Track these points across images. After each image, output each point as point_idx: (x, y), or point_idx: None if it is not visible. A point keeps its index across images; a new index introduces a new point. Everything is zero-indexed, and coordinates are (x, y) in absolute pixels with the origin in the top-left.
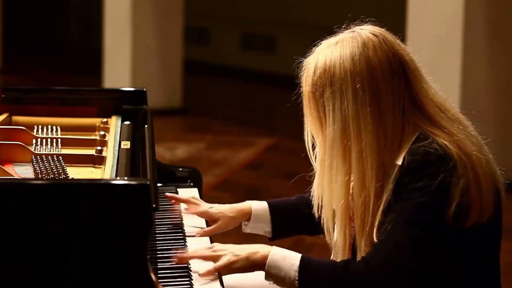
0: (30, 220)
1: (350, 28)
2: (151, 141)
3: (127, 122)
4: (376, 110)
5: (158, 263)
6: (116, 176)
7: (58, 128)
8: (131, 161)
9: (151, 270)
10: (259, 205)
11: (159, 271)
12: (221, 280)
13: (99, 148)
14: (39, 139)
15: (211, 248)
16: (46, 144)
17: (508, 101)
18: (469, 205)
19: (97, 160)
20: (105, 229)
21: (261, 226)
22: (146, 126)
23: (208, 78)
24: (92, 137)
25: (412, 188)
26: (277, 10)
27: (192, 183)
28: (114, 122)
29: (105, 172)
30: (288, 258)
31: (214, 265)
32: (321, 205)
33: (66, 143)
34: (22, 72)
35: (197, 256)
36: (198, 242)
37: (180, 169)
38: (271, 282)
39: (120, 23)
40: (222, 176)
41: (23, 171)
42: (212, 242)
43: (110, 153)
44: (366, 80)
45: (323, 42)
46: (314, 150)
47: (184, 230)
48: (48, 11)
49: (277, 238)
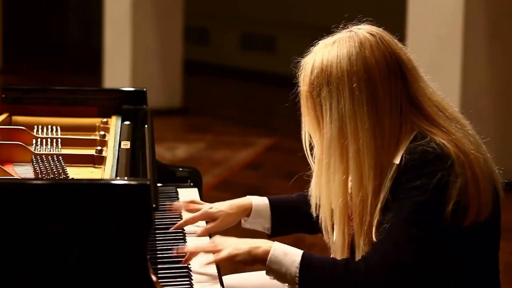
0: (30, 220)
1: (348, 28)
2: (151, 141)
3: (127, 122)
4: (373, 110)
5: (158, 263)
6: (116, 176)
7: (58, 128)
8: (131, 161)
9: (151, 270)
10: (260, 201)
11: (159, 271)
12: (221, 280)
13: (99, 148)
14: (39, 139)
15: (213, 242)
16: (46, 144)
17: (508, 101)
18: (467, 204)
19: (97, 160)
20: (105, 229)
21: (261, 222)
22: (146, 126)
23: (208, 78)
24: (92, 137)
25: (410, 187)
26: (277, 10)
27: (192, 183)
28: (114, 122)
29: (105, 172)
30: (290, 254)
31: (216, 256)
32: (319, 204)
33: (66, 143)
34: (22, 72)
35: (200, 250)
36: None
37: (180, 169)
38: (272, 277)
39: (120, 23)
40: (222, 176)
41: (23, 171)
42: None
43: (110, 153)
44: (363, 80)
45: (321, 42)
46: (312, 150)
47: (184, 230)
48: (48, 11)
49: (276, 235)
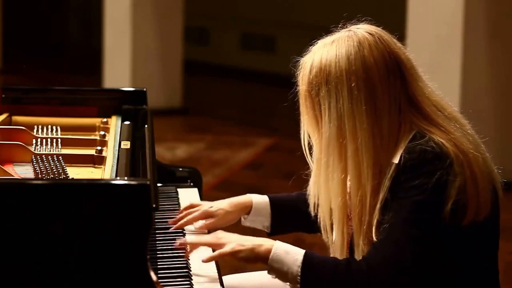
0: (30, 220)
1: (347, 27)
2: (151, 141)
3: (127, 122)
4: (372, 109)
5: (158, 263)
6: (116, 176)
7: (58, 128)
8: (131, 161)
9: (151, 270)
10: (260, 199)
11: (159, 271)
12: (221, 280)
13: (99, 148)
14: (39, 139)
15: (216, 235)
16: (46, 144)
17: (508, 101)
18: (466, 203)
19: (97, 160)
20: (105, 229)
21: (261, 220)
22: (146, 126)
23: (208, 78)
24: (92, 137)
25: (409, 187)
26: (277, 10)
27: (192, 183)
28: (114, 122)
29: (105, 172)
30: (292, 253)
31: (219, 251)
32: (318, 204)
33: (66, 143)
34: (22, 72)
35: (202, 243)
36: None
37: (180, 169)
38: (274, 276)
39: (120, 23)
40: (222, 176)
41: (23, 171)
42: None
43: (110, 153)
44: (362, 79)
45: (319, 41)
46: (311, 149)
47: (184, 230)
48: (48, 11)
49: (276, 234)
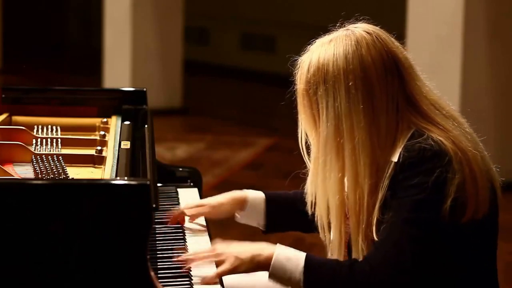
0: (30, 220)
1: (345, 26)
2: (151, 141)
3: (127, 122)
4: (369, 108)
5: (158, 263)
6: (116, 176)
7: (58, 128)
8: (131, 161)
9: (151, 270)
10: (256, 195)
11: (159, 271)
12: (221, 280)
13: (99, 148)
14: (39, 139)
15: (214, 250)
16: (46, 144)
17: (508, 101)
18: (465, 201)
19: (97, 160)
20: (105, 229)
21: (255, 217)
22: (146, 126)
23: (208, 78)
24: (92, 137)
25: (408, 185)
26: (277, 10)
27: (192, 183)
28: (114, 122)
29: (105, 172)
30: (293, 259)
31: (217, 271)
32: (315, 203)
33: (66, 143)
34: (22, 72)
35: (200, 259)
36: (198, 241)
37: (180, 169)
38: (275, 282)
39: (120, 23)
40: (222, 176)
41: (23, 171)
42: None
43: (110, 153)
44: (359, 78)
45: (317, 40)
46: (308, 148)
47: (184, 230)
48: (48, 11)
49: (271, 232)
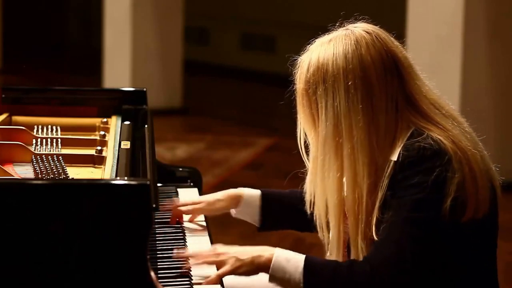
0: (30, 220)
1: (344, 26)
2: (151, 141)
3: (127, 122)
4: (369, 108)
5: (158, 263)
6: (116, 176)
7: (58, 128)
8: (131, 161)
9: (151, 270)
10: (252, 192)
11: (159, 271)
12: (221, 281)
13: (99, 148)
14: (39, 139)
15: (214, 251)
16: (46, 144)
17: (508, 101)
18: (465, 200)
19: (97, 160)
20: (105, 229)
21: (250, 213)
22: (146, 126)
23: (208, 78)
24: (92, 137)
25: (408, 185)
26: (277, 10)
27: (192, 183)
28: (114, 122)
29: (105, 172)
30: (293, 260)
31: (218, 272)
32: (314, 202)
33: (66, 143)
34: (22, 72)
35: (200, 261)
36: (198, 241)
37: (180, 169)
38: (276, 284)
39: (120, 23)
40: (222, 176)
41: (23, 171)
42: (212, 243)
43: (110, 153)
44: (359, 78)
45: (317, 40)
46: (307, 148)
47: (184, 230)
48: (48, 11)
49: (266, 229)
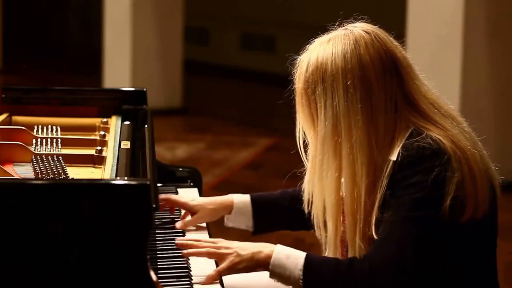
0: (30, 220)
1: (343, 26)
2: (151, 141)
3: (127, 122)
4: (367, 107)
5: (158, 263)
6: (116, 176)
7: (58, 128)
8: (131, 161)
9: (151, 270)
10: (242, 198)
11: (159, 271)
12: (221, 280)
13: (99, 148)
14: (39, 139)
15: (215, 242)
16: (46, 144)
17: (508, 101)
18: (465, 200)
19: (97, 160)
20: (105, 229)
21: (243, 220)
22: (146, 126)
23: (208, 78)
24: (92, 137)
25: (407, 184)
26: (277, 10)
27: (192, 183)
28: (114, 122)
29: (105, 172)
30: (292, 257)
31: (217, 268)
32: (312, 201)
33: (66, 143)
34: (22, 72)
35: (202, 251)
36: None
37: (180, 169)
38: (276, 280)
39: (120, 23)
40: (222, 176)
41: (23, 171)
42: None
43: (110, 153)
44: (358, 77)
45: (316, 40)
46: (306, 147)
47: (184, 230)
48: (48, 11)
49: (259, 233)
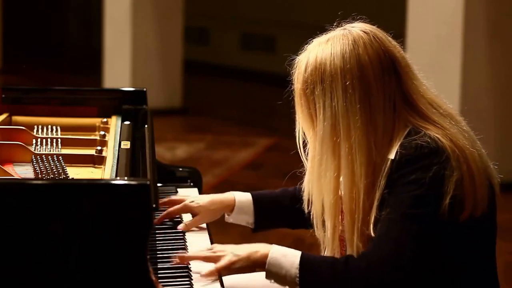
0: (30, 220)
1: (342, 26)
2: (151, 141)
3: (127, 122)
4: (366, 107)
5: (158, 263)
6: (116, 176)
7: (58, 128)
8: (131, 161)
9: (151, 270)
10: (243, 197)
11: (159, 271)
12: (221, 281)
13: (99, 148)
14: (39, 139)
15: (211, 249)
16: (46, 144)
17: (508, 101)
18: (463, 198)
19: (97, 160)
20: (105, 229)
21: (244, 218)
22: (146, 126)
23: (208, 78)
24: (92, 137)
25: (406, 182)
26: (277, 10)
27: (192, 183)
28: (114, 122)
29: (105, 172)
30: (289, 256)
31: (215, 266)
32: (311, 201)
33: (66, 143)
34: (22, 72)
35: (198, 257)
36: (198, 242)
37: (180, 169)
38: (272, 281)
39: (120, 23)
40: (222, 176)
41: (23, 171)
42: (212, 243)
43: (110, 153)
44: (356, 77)
45: (315, 40)
46: (306, 147)
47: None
48: (48, 11)
49: (260, 230)
